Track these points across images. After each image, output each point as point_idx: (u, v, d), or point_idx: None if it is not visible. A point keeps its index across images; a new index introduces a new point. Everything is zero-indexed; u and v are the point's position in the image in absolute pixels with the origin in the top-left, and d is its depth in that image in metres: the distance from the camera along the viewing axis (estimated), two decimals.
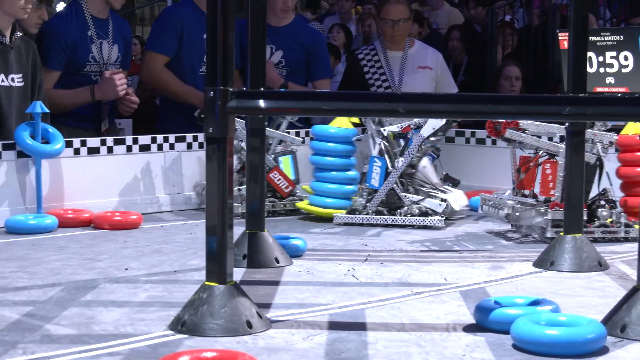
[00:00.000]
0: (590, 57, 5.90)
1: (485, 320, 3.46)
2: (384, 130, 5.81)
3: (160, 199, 6.15)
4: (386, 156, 5.74)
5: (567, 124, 4.50)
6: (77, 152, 5.83)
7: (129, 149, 6.04)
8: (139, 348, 3.21)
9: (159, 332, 3.38)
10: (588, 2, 4.52)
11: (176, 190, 6.23)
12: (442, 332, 3.42)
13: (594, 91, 6.00)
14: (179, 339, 3.29)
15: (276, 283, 4.17)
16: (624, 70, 5.93)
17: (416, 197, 5.75)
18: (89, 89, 6.40)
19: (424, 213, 5.67)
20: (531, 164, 5.32)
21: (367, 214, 5.66)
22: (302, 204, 5.97)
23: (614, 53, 5.87)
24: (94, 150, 5.90)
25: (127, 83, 6.60)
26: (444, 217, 5.68)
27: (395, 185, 5.71)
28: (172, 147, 6.21)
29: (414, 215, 5.64)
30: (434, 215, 5.64)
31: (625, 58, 6.13)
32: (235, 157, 5.93)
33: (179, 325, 3.36)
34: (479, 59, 9.59)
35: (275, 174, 6.03)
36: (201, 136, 6.20)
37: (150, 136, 6.16)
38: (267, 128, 5.96)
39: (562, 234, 4.56)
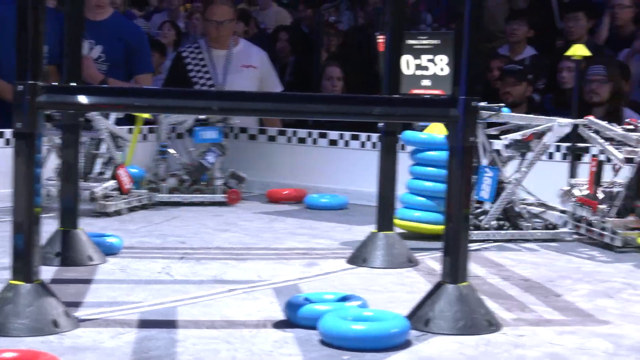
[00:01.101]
0: (407, 60, 6.02)
1: (295, 317, 3.49)
2: (505, 138, 5.50)
3: None
4: (500, 165, 5.42)
5: (382, 124, 4.60)
6: None
7: None
8: None
9: None
10: (404, 6, 4.64)
11: None
12: (252, 328, 3.44)
13: (410, 93, 6.13)
14: None
15: (88, 281, 4.09)
16: (439, 73, 6.08)
17: (536, 209, 5.60)
18: None
19: (550, 226, 5.51)
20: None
21: (487, 229, 5.37)
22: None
23: (430, 56, 6.00)
24: None
25: None
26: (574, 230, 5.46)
27: (513, 197, 5.45)
28: None
29: (538, 229, 5.46)
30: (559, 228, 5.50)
31: (441, 61, 6.30)
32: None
33: None
34: (305, 60, 9.68)
35: (122, 171, 5.95)
36: None
37: None
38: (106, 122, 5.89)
39: (374, 231, 4.66)
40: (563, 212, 5.55)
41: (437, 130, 5.42)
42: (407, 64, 6.00)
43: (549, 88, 8.06)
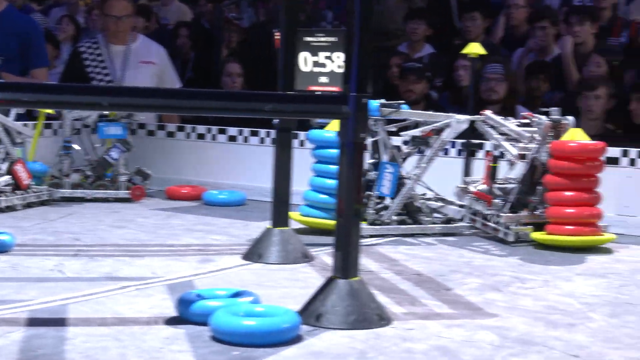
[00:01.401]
0: (305, 56, 6.04)
1: (186, 313, 3.48)
2: (405, 134, 5.57)
3: None
4: (400, 161, 5.48)
5: (275, 120, 4.61)
6: None
7: None
8: None
9: None
10: (297, 3, 4.67)
11: None
12: (143, 325, 3.41)
13: (307, 89, 6.16)
14: None
15: None
16: (337, 71, 6.11)
17: (436, 204, 5.65)
18: None
19: (448, 220, 5.58)
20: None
21: (388, 223, 5.41)
22: (295, 215, 5.49)
23: (328, 53, 6.03)
24: None
25: None
26: (469, 224, 5.57)
27: (413, 193, 5.53)
28: None
29: (437, 224, 5.52)
30: (458, 222, 5.57)
31: (338, 58, 6.32)
32: None
33: None
34: (206, 56, 9.63)
35: (19, 167, 5.84)
36: None
37: None
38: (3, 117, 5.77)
39: (269, 227, 4.67)
40: (461, 206, 5.64)
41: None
42: (305, 61, 6.02)
43: (446, 86, 8.18)
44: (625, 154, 5.99)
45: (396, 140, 5.73)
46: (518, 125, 5.49)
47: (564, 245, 5.18)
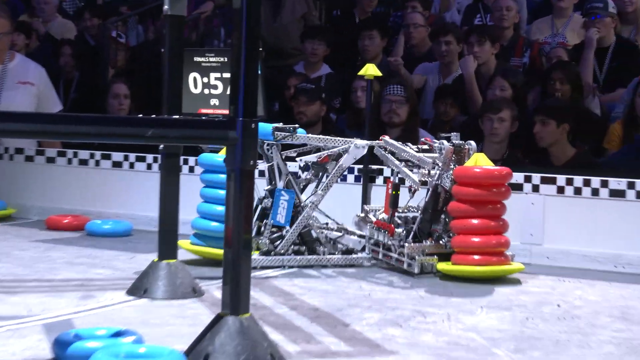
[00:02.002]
0: (195, 77, 5.98)
1: (63, 355, 3.35)
2: (300, 160, 5.52)
3: None
4: (296, 188, 5.45)
5: (161, 146, 4.53)
6: None
7: None
8: None
9: None
10: (181, 22, 4.60)
11: None
12: None
13: (199, 112, 6.08)
14: None
15: None
16: (228, 92, 6.06)
17: (334, 234, 5.58)
18: None
19: (348, 251, 5.53)
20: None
21: (283, 254, 5.37)
22: (186, 244, 5.45)
23: (218, 74, 5.98)
24: None
25: None
26: (370, 255, 5.53)
27: (310, 221, 5.49)
28: None
29: (335, 254, 5.49)
30: (358, 253, 5.54)
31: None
32: None
33: None
34: (91, 75, 9.46)
35: None
36: None
37: None
38: None
39: (155, 260, 4.56)
40: (361, 236, 5.62)
41: None
42: (195, 82, 5.95)
43: (344, 107, 8.19)
44: (528, 179, 6.05)
45: (293, 166, 5.68)
46: (417, 151, 5.50)
47: (470, 276, 5.19)
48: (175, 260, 4.57)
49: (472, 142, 5.48)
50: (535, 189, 6.03)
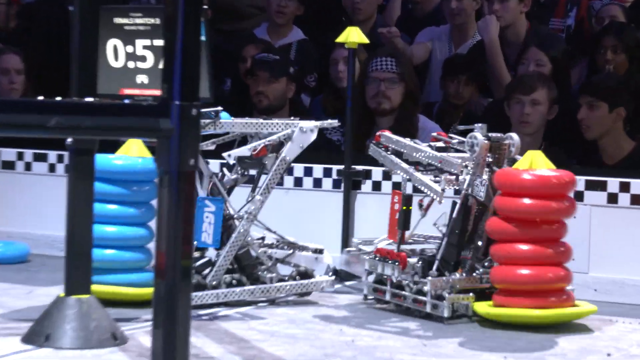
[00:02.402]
0: (115, 45, 6.03)
1: None
2: (228, 155, 5.46)
3: None
4: (224, 195, 5.46)
5: (69, 140, 4.58)
6: None
7: None
8: None
9: None
10: None
11: None
12: None
13: (120, 93, 6.14)
14: None
15: None
16: (160, 66, 6.10)
17: (282, 252, 5.63)
18: None
19: (303, 273, 5.60)
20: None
21: (216, 287, 5.38)
22: None
23: (147, 42, 6.01)
24: None
25: None
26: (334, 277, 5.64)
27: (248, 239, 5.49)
28: None
29: (287, 280, 5.55)
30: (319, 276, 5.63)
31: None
32: None
33: None
34: None
35: None
36: None
37: None
38: None
39: (62, 295, 4.61)
40: (318, 251, 5.70)
41: (133, 150, 5.50)
42: (115, 53, 6.00)
43: (322, 86, 8.19)
44: None
45: (217, 165, 5.75)
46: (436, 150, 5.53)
47: (518, 322, 5.22)
48: (88, 295, 4.62)
49: (515, 136, 5.50)
50: (579, 197, 6.08)
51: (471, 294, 5.31)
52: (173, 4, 3.37)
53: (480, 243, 5.42)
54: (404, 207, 5.50)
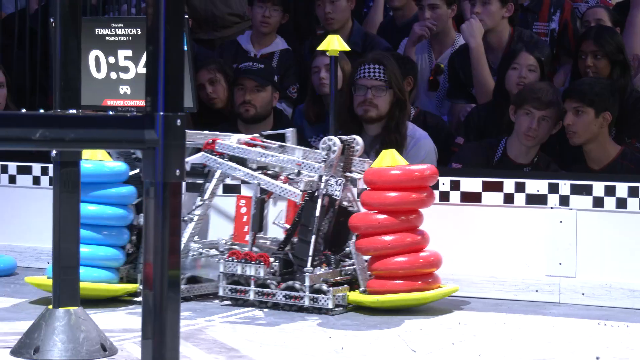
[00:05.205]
0: (97, 57, 6.08)
1: None
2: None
3: None
4: None
5: (54, 152, 4.62)
6: None
7: None
8: None
9: None
10: None
11: None
12: None
13: (104, 104, 6.19)
14: None
15: None
16: (142, 76, 6.17)
17: (213, 252, 5.88)
18: None
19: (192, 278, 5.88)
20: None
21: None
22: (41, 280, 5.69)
23: (129, 52, 6.07)
24: None
25: None
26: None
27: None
28: None
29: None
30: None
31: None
32: None
33: None
34: None
35: None
36: None
37: None
38: None
39: (50, 307, 4.65)
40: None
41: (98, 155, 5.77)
42: (98, 64, 6.05)
43: (302, 95, 8.21)
44: (554, 188, 6.13)
45: None
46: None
47: (394, 306, 5.66)
48: (76, 307, 4.66)
49: (359, 138, 5.92)
50: (564, 201, 6.14)
51: (346, 285, 5.75)
52: (155, 14, 3.40)
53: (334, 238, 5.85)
54: (260, 210, 5.89)
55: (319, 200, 5.69)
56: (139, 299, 5.54)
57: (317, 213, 5.68)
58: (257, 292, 5.69)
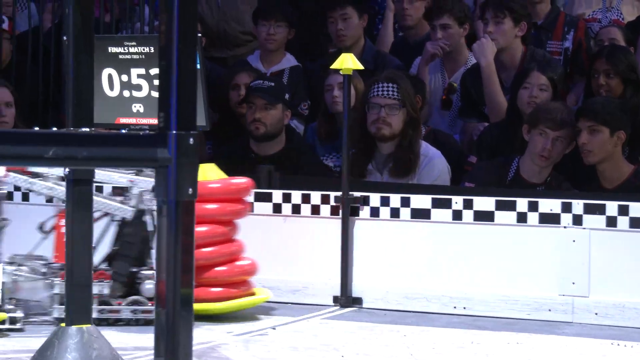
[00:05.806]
0: (110, 75, 6.08)
1: None
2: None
3: None
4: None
5: (66, 169, 4.63)
6: None
7: None
8: None
9: None
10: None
11: None
12: None
13: (117, 122, 6.19)
14: None
15: None
16: (155, 94, 6.15)
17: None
18: None
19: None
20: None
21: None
22: None
23: (142, 70, 6.07)
24: None
25: None
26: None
27: None
28: None
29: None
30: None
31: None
32: None
33: None
34: None
35: None
36: None
37: None
38: None
39: (63, 325, 4.65)
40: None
41: None
42: (111, 82, 6.06)
43: (315, 113, 8.21)
44: (567, 207, 6.13)
45: None
46: None
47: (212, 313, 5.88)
48: (89, 325, 4.66)
49: None
50: (578, 220, 6.13)
51: None
52: (168, 32, 3.42)
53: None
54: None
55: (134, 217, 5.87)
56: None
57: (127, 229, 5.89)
58: (103, 309, 5.81)
